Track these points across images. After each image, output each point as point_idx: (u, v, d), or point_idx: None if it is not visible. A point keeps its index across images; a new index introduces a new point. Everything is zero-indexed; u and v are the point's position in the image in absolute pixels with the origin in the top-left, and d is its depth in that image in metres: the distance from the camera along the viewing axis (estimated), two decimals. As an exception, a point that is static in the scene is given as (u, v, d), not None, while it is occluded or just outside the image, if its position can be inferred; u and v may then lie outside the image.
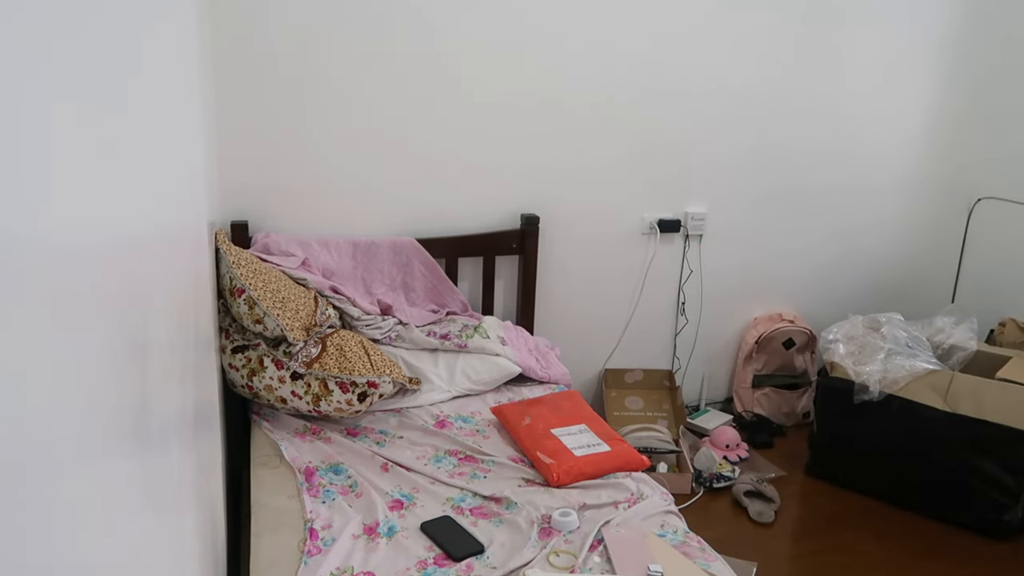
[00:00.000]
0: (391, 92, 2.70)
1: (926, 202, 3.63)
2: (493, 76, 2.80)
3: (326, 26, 2.57)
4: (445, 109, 2.78)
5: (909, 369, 2.74)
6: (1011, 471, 2.60)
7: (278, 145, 2.65)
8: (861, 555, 2.59)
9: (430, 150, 2.81)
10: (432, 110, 2.77)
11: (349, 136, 2.70)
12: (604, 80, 2.94)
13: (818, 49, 3.20)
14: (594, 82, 2.93)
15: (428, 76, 2.73)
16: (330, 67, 2.62)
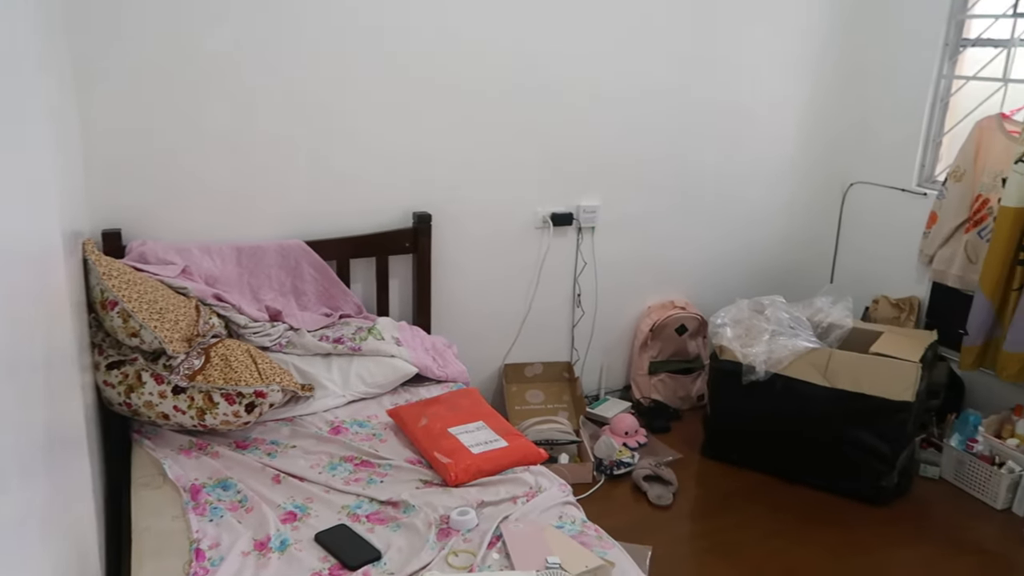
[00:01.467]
0: (273, 90, 2.61)
1: (804, 189, 3.80)
2: (380, 73, 2.75)
3: (198, 23, 2.46)
4: (330, 108, 2.71)
5: (791, 349, 2.86)
6: (886, 439, 2.76)
7: (152, 149, 2.52)
8: (755, 529, 2.69)
9: (317, 150, 2.74)
10: (317, 109, 2.69)
11: (230, 137, 2.60)
12: (494, 77, 2.94)
13: (702, 44, 3.30)
14: (484, 79, 2.92)
15: (311, 73, 2.65)
16: (206, 64, 2.50)
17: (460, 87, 2.89)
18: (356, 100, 2.75)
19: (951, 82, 3.44)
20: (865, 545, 2.63)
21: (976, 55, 3.38)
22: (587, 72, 3.10)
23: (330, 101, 2.71)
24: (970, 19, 3.35)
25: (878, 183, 3.71)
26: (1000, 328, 3.09)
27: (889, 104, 3.61)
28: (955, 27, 3.37)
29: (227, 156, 2.61)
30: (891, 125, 3.61)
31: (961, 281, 3.29)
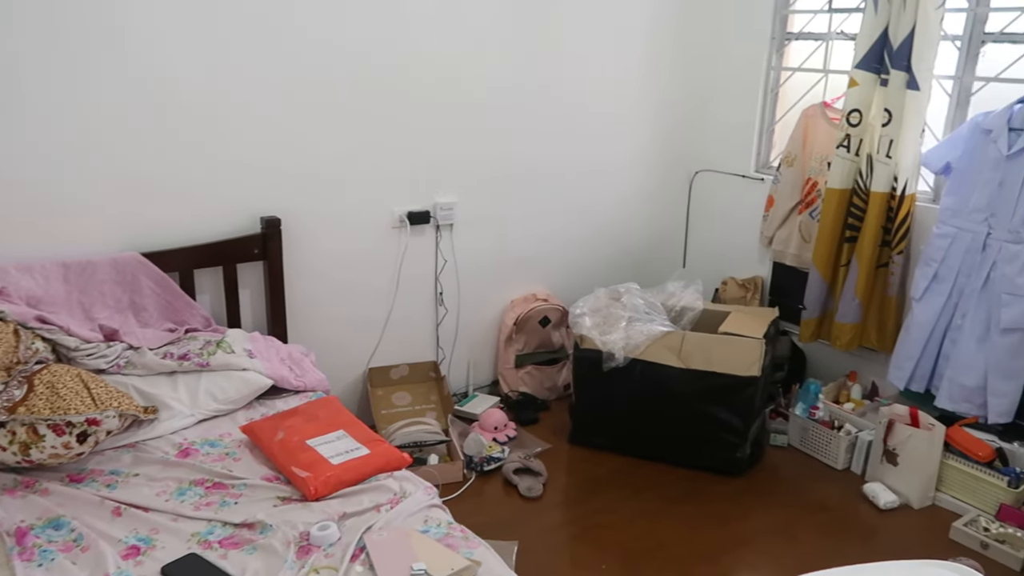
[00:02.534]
0: (98, 89, 2.41)
1: (655, 178, 3.95)
2: (222, 71, 2.60)
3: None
4: (165, 105, 2.53)
5: (647, 333, 2.96)
6: (738, 413, 2.91)
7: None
8: (622, 512, 2.77)
9: (151, 154, 2.55)
10: (152, 107, 2.51)
11: (48, 140, 2.37)
12: (343, 76, 2.85)
13: (551, 39, 3.35)
14: (333, 78, 2.83)
15: (140, 71, 2.47)
16: (16, 63, 2.27)
17: (307, 86, 2.79)
18: (194, 98, 2.58)
19: (779, 73, 3.66)
20: (724, 516, 2.77)
21: (800, 48, 3.62)
22: (438, 70, 3.07)
23: (165, 99, 2.53)
24: (793, 14, 3.58)
25: (721, 170, 3.90)
26: (832, 301, 3.33)
27: (726, 95, 3.80)
28: (780, 21, 3.59)
29: (47, 165, 2.39)
30: (729, 114, 3.81)
31: (798, 260, 3.52)
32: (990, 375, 2.80)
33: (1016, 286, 2.71)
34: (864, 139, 3.11)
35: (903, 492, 2.86)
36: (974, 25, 2.95)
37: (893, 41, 2.94)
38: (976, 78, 2.99)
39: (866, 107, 3.08)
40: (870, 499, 2.86)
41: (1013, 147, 2.70)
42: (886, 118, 3.00)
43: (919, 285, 2.98)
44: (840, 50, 3.42)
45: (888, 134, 3.00)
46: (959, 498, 2.80)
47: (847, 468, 3.08)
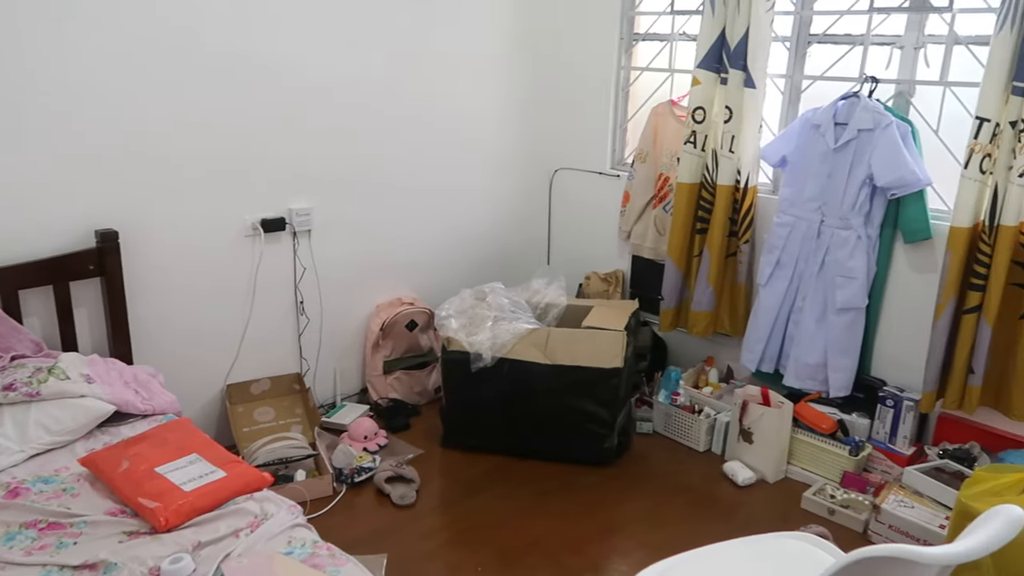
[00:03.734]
0: None
1: (516, 177, 3.99)
2: (45, 67, 2.38)
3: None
4: (-33, 115, 2.29)
5: (513, 332, 2.97)
6: (604, 405, 2.98)
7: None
8: (496, 511, 2.77)
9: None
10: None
11: None
12: (187, 77, 2.68)
13: (408, 40, 3.30)
14: (176, 80, 2.65)
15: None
16: None
17: (147, 86, 2.60)
18: (15, 97, 2.35)
19: (629, 73, 3.78)
20: (595, 506, 2.82)
21: (647, 48, 3.76)
22: (289, 71, 2.95)
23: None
24: (639, 15, 3.71)
25: (578, 168, 3.99)
26: (688, 291, 3.47)
27: (581, 95, 3.89)
28: (627, 23, 3.71)
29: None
30: (584, 114, 3.90)
31: (654, 252, 3.65)
32: (829, 352, 3.01)
33: (847, 269, 2.93)
34: (709, 135, 3.26)
35: (759, 468, 3.02)
36: (800, 27, 3.16)
37: (730, 42, 3.10)
38: (805, 76, 3.21)
39: (709, 105, 3.23)
40: (730, 477, 3.01)
41: (839, 140, 2.91)
42: (727, 115, 3.16)
43: (764, 272, 3.17)
44: (684, 50, 3.57)
45: (730, 130, 3.16)
46: (808, 469, 3.00)
47: (708, 450, 3.23)
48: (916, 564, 1.27)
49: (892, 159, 2.78)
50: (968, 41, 2.78)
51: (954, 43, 2.80)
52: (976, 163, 2.59)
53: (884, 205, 2.90)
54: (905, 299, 2.97)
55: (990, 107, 2.55)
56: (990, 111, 2.55)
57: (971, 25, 2.78)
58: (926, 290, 2.88)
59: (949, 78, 2.83)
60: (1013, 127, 2.52)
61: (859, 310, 2.96)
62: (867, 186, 2.86)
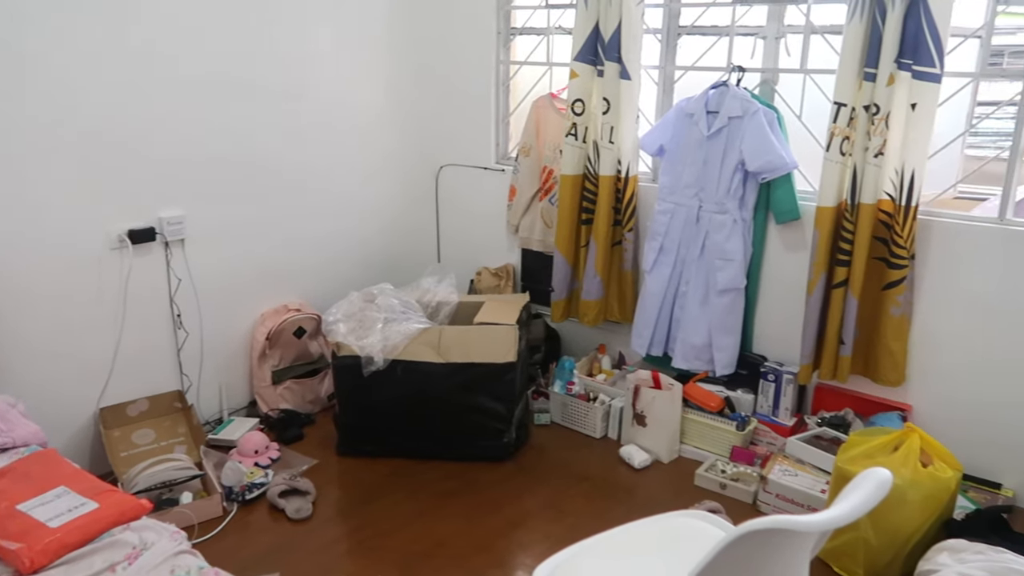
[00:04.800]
0: None
1: (401, 175, 3.92)
2: None
3: None
4: None
5: (405, 333, 2.93)
6: (500, 400, 2.98)
7: None
8: (397, 516, 2.72)
9: None
10: None
11: None
12: (32, 80, 2.47)
13: (287, 38, 3.18)
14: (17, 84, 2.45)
15: None
16: None
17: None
18: None
19: (508, 67, 3.79)
20: (498, 502, 2.82)
21: (526, 42, 3.78)
22: (154, 68, 2.78)
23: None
24: (515, 10, 3.72)
25: (464, 164, 3.97)
26: (577, 281, 3.52)
27: (462, 90, 3.87)
28: (504, 17, 3.71)
29: None
30: (466, 109, 3.88)
31: (543, 244, 3.68)
32: (713, 333, 3.12)
33: (725, 252, 3.04)
34: (589, 127, 3.31)
35: (653, 450, 3.10)
36: (670, 19, 3.25)
37: (604, 35, 3.15)
38: (677, 67, 3.31)
39: (587, 97, 3.28)
40: (627, 461, 3.07)
41: (711, 128, 3.02)
42: (605, 106, 3.22)
43: (648, 258, 3.24)
44: (561, 44, 3.60)
45: (609, 121, 3.22)
46: (700, 447, 3.10)
47: (605, 436, 3.28)
48: (796, 532, 1.32)
49: (761, 145, 2.90)
50: (824, 30, 2.93)
51: (811, 32, 2.95)
52: (836, 146, 2.74)
53: (756, 189, 3.02)
54: (780, 278, 3.11)
55: (846, 92, 2.70)
56: (846, 96, 2.70)
57: (826, 15, 2.94)
58: (798, 268, 3.02)
59: (808, 66, 2.98)
60: (867, 111, 2.68)
61: (739, 291, 3.09)
62: (739, 171, 2.98)
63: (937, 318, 2.81)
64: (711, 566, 1.32)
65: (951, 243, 2.75)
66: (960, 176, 3.13)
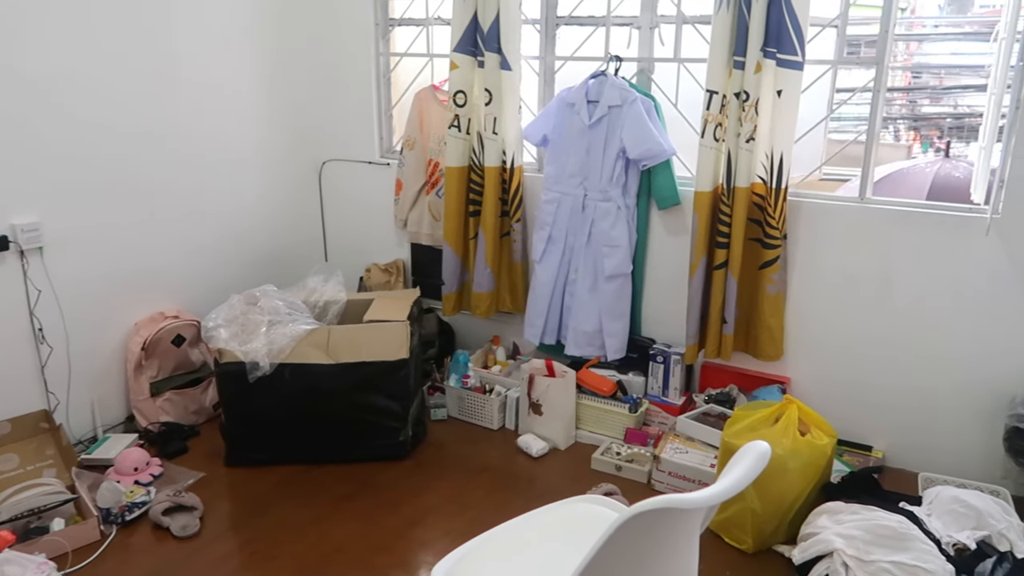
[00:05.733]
0: None
1: (282, 172, 3.79)
2: None
3: None
4: None
5: (291, 335, 2.83)
6: (395, 398, 2.93)
7: None
8: (292, 524, 2.62)
9: None
10: None
11: None
12: None
13: (142, 30, 2.98)
14: None
15: None
16: None
17: None
18: None
19: (388, 59, 3.72)
20: (397, 502, 2.77)
21: (406, 33, 3.71)
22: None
23: None
24: (392, 0, 3.65)
25: (347, 159, 3.87)
26: (468, 274, 3.51)
27: (342, 83, 3.77)
28: (381, 8, 3.64)
29: None
30: (348, 103, 3.78)
31: (432, 238, 3.64)
32: (603, 319, 3.18)
33: (611, 239, 3.10)
34: (472, 118, 3.29)
35: (551, 437, 3.13)
36: (548, 10, 3.28)
37: (483, 25, 3.13)
38: (556, 57, 3.33)
39: (469, 88, 3.26)
40: (524, 451, 3.08)
41: (592, 117, 3.06)
42: (487, 97, 3.21)
43: (537, 248, 3.27)
44: (441, 34, 3.57)
45: (491, 112, 3.21)
46: (595, 431, 3.15)
47: (502, 427, 3.29)
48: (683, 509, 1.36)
49: (640, 133, 2.96)
50: (694, 20, 3.03)
51: (683, 22, 3.04)
52: (711, 132, 2.84)
53: (638, 176, 3.09)
54: (664, 262, 3.20)
55: (717, 80, 2.79)
56: (717, 84, 2.79)
57: (696, 5, 3.04)
58: (681, 252, 3.12)
59: (682, 55, 3.07)
60: (737, 98, 2.78)
61: (626, 276, 3.15)
62: (621, 159, 3.04)
63: (809, 294, 2.97)
64: (604, 549, 1.33)
65: (819, 222, 2.90)
66: (824, 159, 3.32)
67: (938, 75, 8.09)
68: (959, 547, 2.20)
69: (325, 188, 3.98)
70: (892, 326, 2.85)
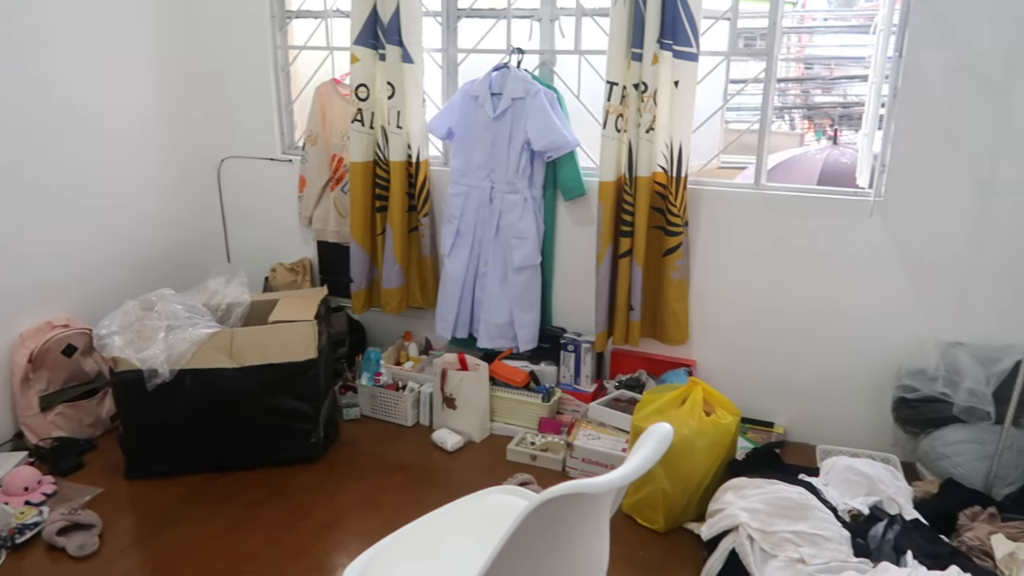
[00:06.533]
0: None
1: (179, 171, 3.64)
2: None
3: None
4: None
5: (191, 339, 2.72)
6: (305, 399, 2.86)
7: None
8: (201, 535, 2.53)
9: None
10: None
11: None
12: None
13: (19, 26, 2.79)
14: None
15: None
16: None
17: None
18: None
19: (287, 52, 3.62)
20: (311, 504, 2.71)
21: (304, 25, 3.62)
22: None
23: None
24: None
25: (247, 155, 3.75)
26: (377, 270, 3.46)
27: (239, 78, 3.64)
28: (278, 0, 3.53)
29: None
30: (246, 98, 3.66)
31: (338, 235, 3.58)
32: (514, 310, 3.20)
33: (519, 231, 3.11)
34: (375, 112, 3.25)
35: (465, 431, 3.12)
36: (449, 2, 3.25)
37: (383, 18, 3.09)
38: (459, 50, 3.32)
39: (371, 81, 3.21)
40: (440, 446, 3.07)
41: (497, 110, 3.06)
42: (390, 91, 3.16)
43: (446, 242, 3.25)
44: (341, 27, 3.50)
45: (395, 106, 3.17)
46: (510, 422, 3.17)
47: (416, 423, 3.27)
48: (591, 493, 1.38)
49: (544, 125, 2.99)
50: (593, 13, 3.07)
51: (582, 15, 3.08)
52: (612, 123, 2.89)
53: (544, 168, 3.12)
54: (572, 252, 3.24)
55: (616, 72, 2.84)
56: (617, 75, 2.84)
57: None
58: (587, 241, 3.16)
59: (582, 47, 3.11)
60: (636, 89, 2.84)
61: (535, 267, 3.18)
62: (526, 151, 3.05)
63: (711, 278, 3.06)
64: (514, 538, 1.34)
65: (718, 209, 3.00)
66: (721, 148, 3.43)
67: (828, 66, 8.50)
68: (854, 513, 2.32)
69: (225, 187, 3.84)
70: (788, 307, 2.97)
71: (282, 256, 3.78)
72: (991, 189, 2.61)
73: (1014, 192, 2.59)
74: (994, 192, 2.61)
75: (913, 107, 2.64)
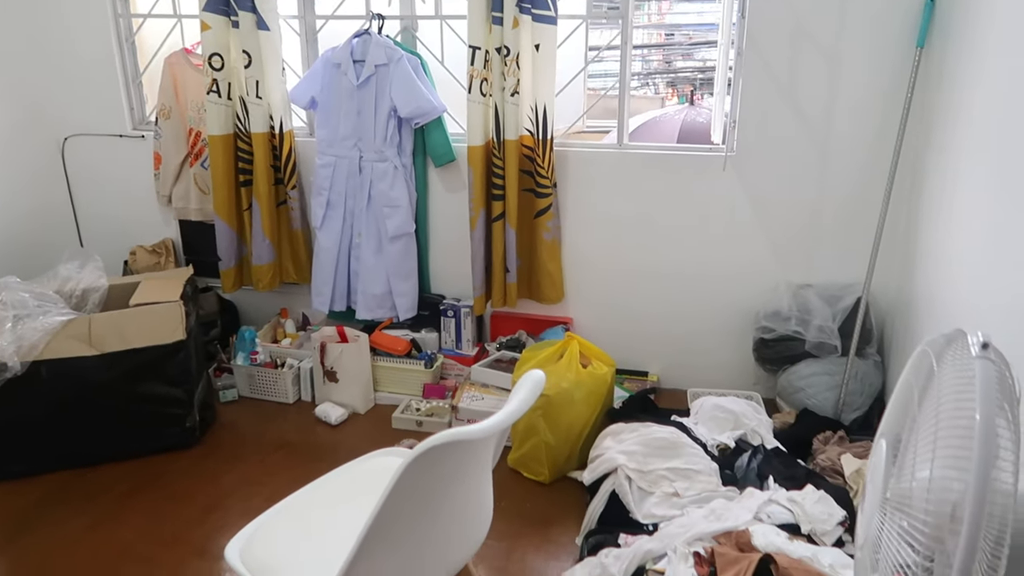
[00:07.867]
0: None
1: (14, 153, 3.36)
2: None
3: None
4: None
5: (43, 328, 2.55)
6: (176, 384, 2.74)
7: None
8: (68, 534, 2.39)
9: None
10: None
11: None
12: None
13: None
14: None
15: None
16: None
17: None
18: None
19: (130, 21, 3.40)
20: (190, 491, 2.62)
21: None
22: None
23: None
24: (128, -45, 3.33)
25: (94, 132, 3.51)
26: (246, 247, 3.35)
27: (79, 49, 3.40)
28: (116, -36, 3.31)
29: None
30: (87, 71, 3.42)
31: (201, 213, 3.43)
32: (392, 280, 3.18)
33: (391, 199, 3.09)
34: (232, 82, 3.12)
35: (349, 403, 3.10)
36: (303, -34, 3.15)
37: (234, -18, 2.96)
38: (317, 16, 3.23)
39: (225, 50, 3.07)
40: (324, 420, 3.03)
41: (360, 78, 3.01)
42: (247, 60, 3.04)
43: (317, 214, 3.18)
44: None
45: (253, 75, 3.06)
46: (394, 391, 3.16)
47: (298, 400, 3.21)
48: (472, 441, 1.41)
49: (409, 91, 2.96)
50: (452, -23, 3.05)
51: (441, -21, 3.06)
52: (477, 87, 2.90)
53: (412, 135, 3.10)
54: (446, 218, 3.25)
55: (478, 36, 2.85)
56: (479, 40, 2.85)
57: (452, -38, 3.06)
58: (461, 207, 3.18)
59: (443, 12, 3.10)
60: (499, 53, 2.86)
61: (409, 235, 3.16)
62: (393, 118, 3.02)
63: (582, 237, 3.16)
64: (397, 491, 1.36)
65: (584, 170, 3.08)
66: (585, 111, 3.52)
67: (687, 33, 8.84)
68: (721, 447, 2.48)
69: (71, 167, 3.59)
70: (654, 260, 3.11)
71: (141, 238, 3.59)
72: (828, 143, 2.82)
73: (850, 146, 2.80)
74: (831, 146, 2.82)
75: (757, 68, 2.80)
